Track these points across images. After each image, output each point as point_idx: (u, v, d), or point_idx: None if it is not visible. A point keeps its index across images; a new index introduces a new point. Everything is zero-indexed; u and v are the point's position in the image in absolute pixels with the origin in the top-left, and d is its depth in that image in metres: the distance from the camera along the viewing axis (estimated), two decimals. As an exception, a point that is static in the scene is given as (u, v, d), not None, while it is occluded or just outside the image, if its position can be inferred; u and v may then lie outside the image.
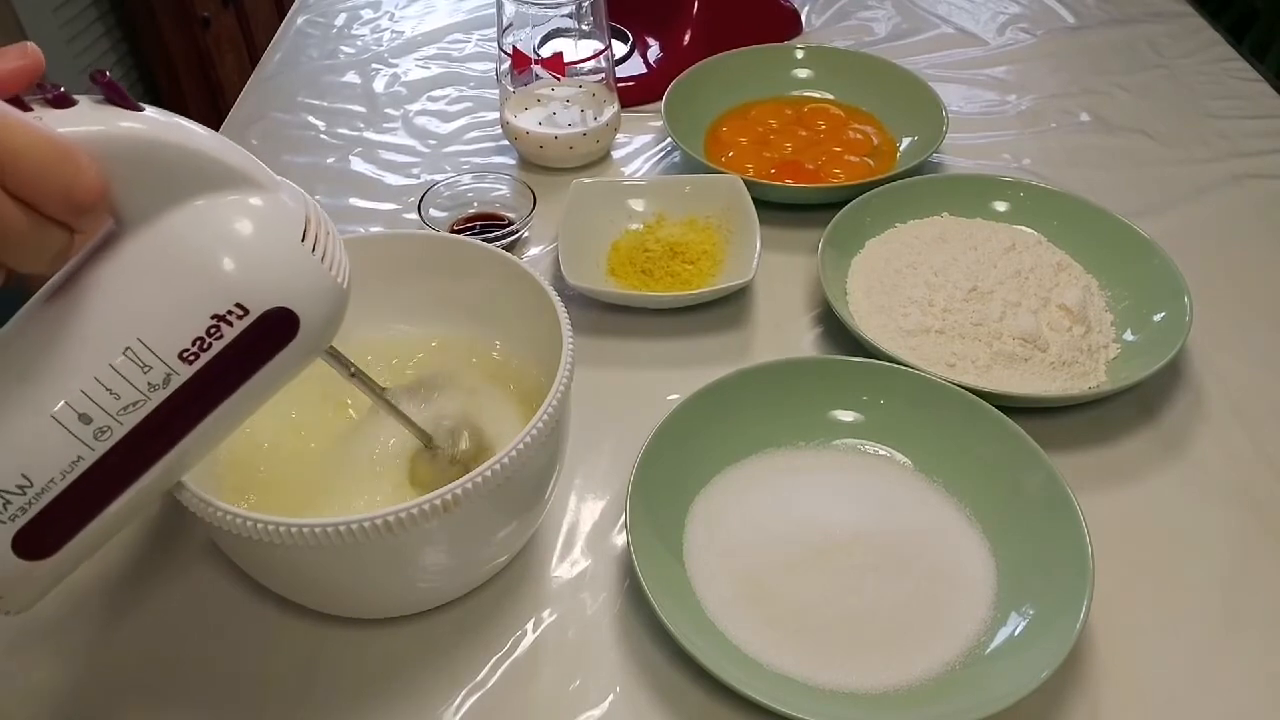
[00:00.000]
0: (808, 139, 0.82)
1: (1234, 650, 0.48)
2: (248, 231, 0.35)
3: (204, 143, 0.34)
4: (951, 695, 0.44)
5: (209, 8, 1.75)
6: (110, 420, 0.34)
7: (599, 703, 0.46)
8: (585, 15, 0.76)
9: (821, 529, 0.51)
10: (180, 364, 0.34)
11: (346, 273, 0.38)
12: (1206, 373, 0.62)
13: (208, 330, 0.34)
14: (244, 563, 0.45)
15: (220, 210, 0.34)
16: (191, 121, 0.34)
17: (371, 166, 0.83)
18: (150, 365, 0.34)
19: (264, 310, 0.35)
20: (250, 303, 0.34)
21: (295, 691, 0.47)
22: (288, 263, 0.35)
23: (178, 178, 0.34)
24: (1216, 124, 0.85)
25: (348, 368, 0.43)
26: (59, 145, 0.29)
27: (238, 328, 0.35)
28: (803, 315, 0.67)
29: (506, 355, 0.54)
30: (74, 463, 0.34)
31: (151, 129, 0.32)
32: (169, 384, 0.34)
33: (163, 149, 0.33)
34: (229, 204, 0.35)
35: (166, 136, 0.33)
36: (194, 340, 0.34)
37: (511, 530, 0.47)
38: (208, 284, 0.34)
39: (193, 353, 0.34)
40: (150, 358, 0.34)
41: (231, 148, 0.35)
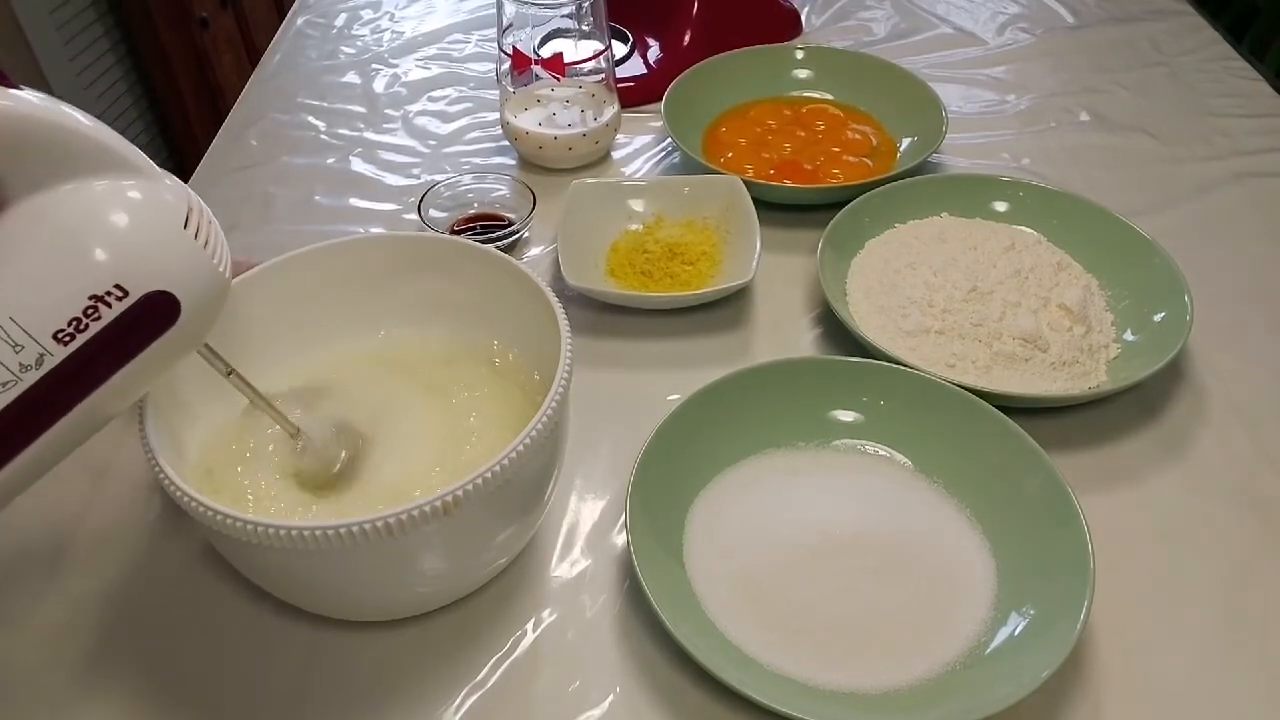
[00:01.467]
0: (807, 139, 0.82)
1: (1235, 650, 0.48)
2: (130, 213, 0.34)
3: (83, 126, 0.34)
4: (952, 696, 0.44)
5: (207, 8, 1.75)
6: None
7: (599, 703, 0.46)
8: (585, 15, 0.76)
9: (821, 529, 0.51)
10: (55, 344, 0.33)
11: (228, 263, 0.38)
12: (1207, 373, 0.62)
13: (85, 311, 0.33)
14: (241, 565, 0.45)
15: (101, 192, 0.34)
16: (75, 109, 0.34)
17: (371, 167, 0.83)
18: (22, 345, 0.33)
19: (145, 292, 0.34)
20: (130, 284, 0.34)
21: (294, 693, 0.47)
22: (170, 246, 0.35)
23: (55, 158, 0.33)
24: (1217, 122, 0.85)
25: (225, 366, 0.43)
26: None
27: (116, 310, 0.34)
28: (802, 316, 0.67)
29: (506, 356, 0.54)
30: None
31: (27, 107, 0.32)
32: (41, 365, 0.33)
33: (39, 126, 0.32)
34: (110, 187, 0.34)
35: (44, 116, 0.32)
36: (70, 321, 0.33)
37: (511, 533, 0.47)
38: (87, 263, 0.33)
39: (68, 334, 0.33)
40: (22, 336, 0.33)
41: (113, 135, 0.35)
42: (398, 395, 0.51)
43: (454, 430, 0.49)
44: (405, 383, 0.52)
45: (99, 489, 0.56)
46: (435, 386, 0.51)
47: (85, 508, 0.55)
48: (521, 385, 0.52)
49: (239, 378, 0.44)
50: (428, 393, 0.51)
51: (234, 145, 0.86)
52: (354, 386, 0.51)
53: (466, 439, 0.48)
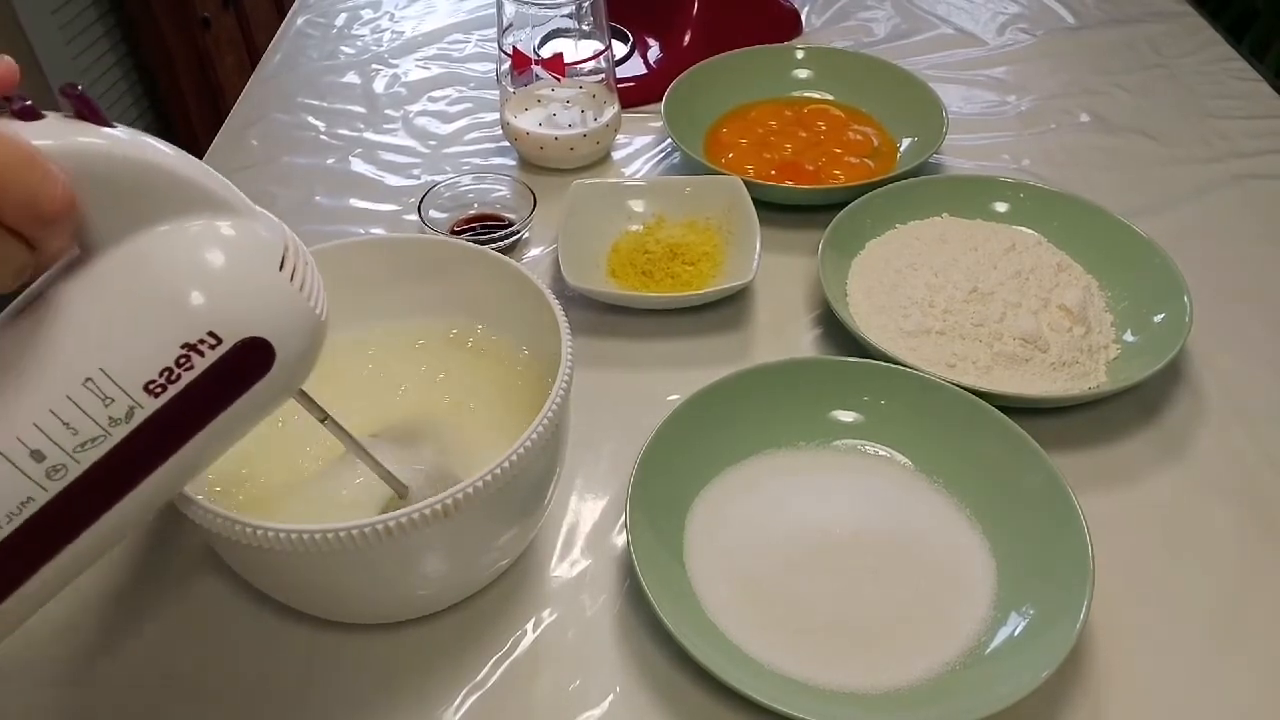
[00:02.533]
0: (808, 140, 0.82)
1: (1235, 650, 0.48)
2: (224, 257, 0.33)
3: (178, 164, 0.32)
4: (952, 695, 0.44)
5: (209, 8, 1.75)
6: (65, 458, 0.31)
7: (599, 703, 0.46)
8: (585, 15, 0.76)
9: (821, 529, 0.51)
10: (145, 397, 0.32)
11: (325, 304, 0.36)
12: (1206, 373, 0.62)
13: (177, 360, 0.32)
14: (242, 568, 0.45)
15: (194, 234, 0.32)
16: (166, 143, 0.32)
17: (371, 167, 0.83)
18: (112, 398, 0.31)
19: (238, 340, 0.32)
20: (224, 331, 0.32)
21: (294, 693, 0.47)
22: (265, 291, 0.33)
23: (150, 199, 0.32)
24: (1216, 124, 0.85)
25: (320, 413, 0.40)
26: (25, 151, 0.27)
27: (209, 358, 0.32)
28: (803, 316, 0.67)
29: (507, 356, 0.54)
30: (23, 504, 0.31)
31: (124, 147, 0.31)
32: (132, 419, 0.32)
33: (136, 167, 0.31)
34: (204, 228, 0.33)
35: (140, 155, 0.31)
36: (161, 371, 0.32)
37: (512, 534, 0.47)
38: (179, 311, 0.32)
39: (159, 384, 0.32)
40: (113, 389, 0.31)
41: (207, 172, 0.33)
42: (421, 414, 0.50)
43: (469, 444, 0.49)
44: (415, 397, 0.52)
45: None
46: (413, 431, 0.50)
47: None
48: (521, 384, 0.52)
49: (336, 424, 0.41)
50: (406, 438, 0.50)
51: (234, 145, 0.86)
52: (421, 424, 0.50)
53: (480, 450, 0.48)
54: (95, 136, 0.30)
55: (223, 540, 0.39)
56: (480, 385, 0.52)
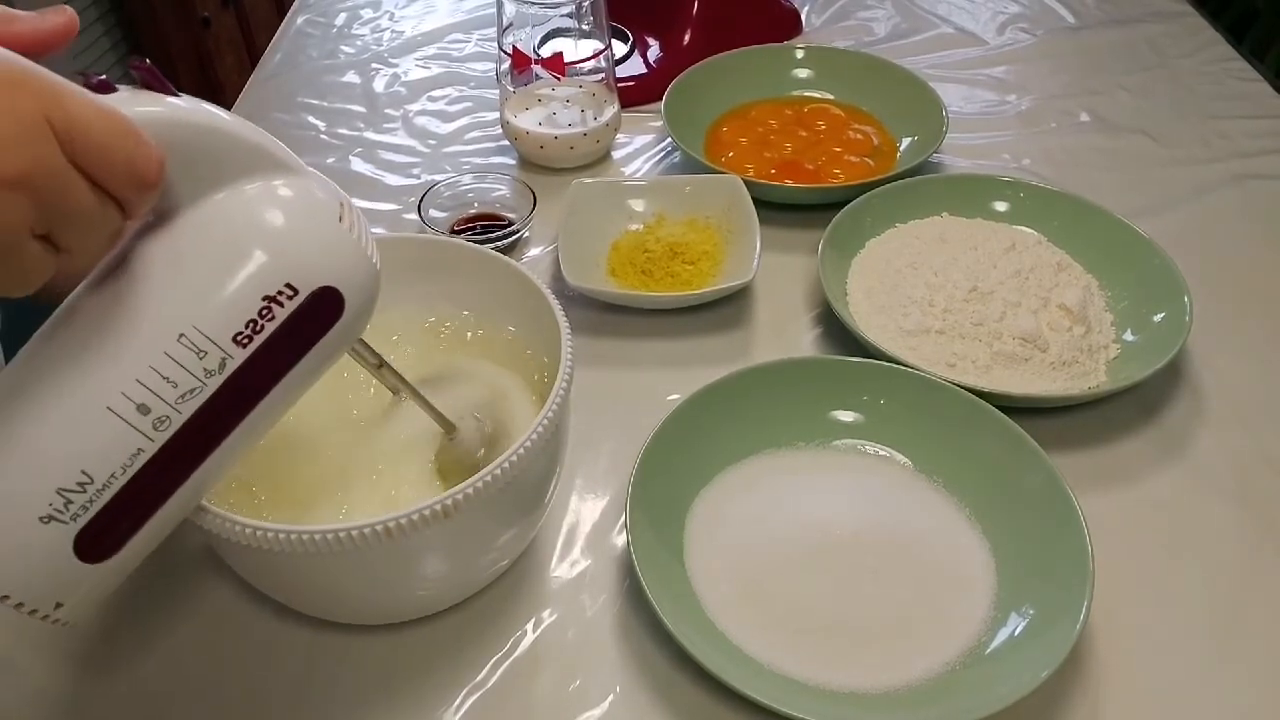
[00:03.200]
0: (808, 139, 0.82)
1: (1235, 650, 0.48)
2: (292, 213, 0.35)
3: (242, 129, 0.35)
4: (952, 695, 0.44)
5: (209, 8, 1.75)
6: (169, 409, 0.34)
7: (599, 703, 0.46)
8: (585, 15, 0.76)
9: (821, 529, 0.51)
10: (235, 347, 0.34)
11: (377, 255, 0.38)
12: (1206, 373, 0.62)
13: (260, 312, 0.34)
14: (243, 569, 0.45)
15: (263, 194, 0.35)
16: (226, 111, 0.35)
17: (371, 166, 0.83)
18: (205, 350, 0.34)
19: (312, 289, 0.35)
20: (299, 282, 0.35)
21: (294, 693, 0.47)
22: (330, 243, 0.36)
23: (220, 162, 0.34)
24: (1217, 124, 0.85)
25: (377, 358, 0.43)
26: (122, 120, 0.29)
27: (288, 308, 0.35)
28: (803, 315, 0.67)
29: (506, 356, 0.54)
30: (134, 455, 0.34)
31: (194, 115, 0.33)
32: (224, 369, 0.34)
33: (206, 133, 0.33)
34: (270, 188, 0.35)
35: (209, 121, 0.33)
36: (247, 323, 0.34)
37: (511, 535, 0.47)
38: (258, 265, 0.34)
39: (246, 335, 0.34)
40: (205, 343, 0.34)
41: (266, 135, 0.36)
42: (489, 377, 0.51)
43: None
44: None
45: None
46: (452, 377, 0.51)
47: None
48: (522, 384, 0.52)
49: (391, 371, 0.44)
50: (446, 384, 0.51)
51: (234, 145, 0.86)
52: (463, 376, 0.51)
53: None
54: (165, 106, 0.32)
55: (223, 541, 0.39)
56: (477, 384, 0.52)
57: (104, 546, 0.35)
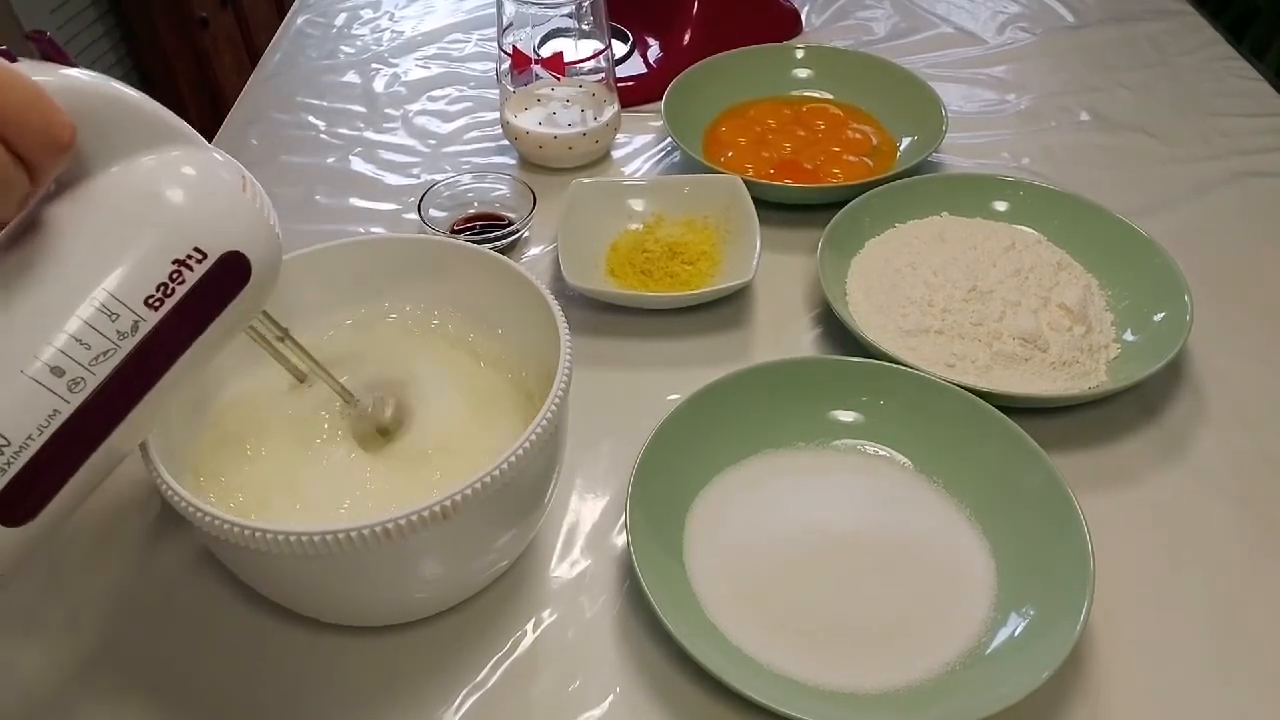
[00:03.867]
0: (807, 139, 0.82)
1: (1235, 650, 0.48)
2: (198, 181, 0.36)
3: (143, 102, 0.35)
4: (952, 696, 0.44)
5: (207, 8, 1.75)
6: (83, 371, 0.34)
7: (599, 703, 0.46)
8: (585, 15, 0.76)
9: (821, 529, 0.51)
10: (147, 310, 0.35)
11: (279, 225, 0.39)
12: (1207, 373, 0.62)
13: (170, 275, 0.35)
14: (240, 570, 0.45)
15: (170, 163, 0.36)
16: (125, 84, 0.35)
17: (371, 166, 0.83)
18: (118, 313, 0.34)
19: (221, 254, 0.36)
20: (208, 247, 0.36)
21: (293, 694, 0.47)
22: (236, 210, 0.37)
23: (127, 131, 0.35)
24: (1217, 122, 0.85)
25: (279, 328, 0.44)
26: (32, 86, 0.30)
27: (198, 272, 0.36)
28: (802, 315, 0.67)
29: (506, 355, 0.54)
30: (50, 417, 0.34)
31: (100, 84, 0.34)
32: (137, 331, 0.35)
33: (113, 102, 0.34)
34: (175, 158, 0.36)
35: (114, 91, 0.34)
36: (158, 286, 0.35)
37: (510, 536, 0.47)
38: (167, 230, 0.35)
39: (157, 298, 0.35)
40: (117, 305, 0.34)
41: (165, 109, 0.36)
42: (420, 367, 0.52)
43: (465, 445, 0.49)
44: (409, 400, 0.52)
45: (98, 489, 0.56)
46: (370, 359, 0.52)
47: (84, 509, 0.55)
48: (522, 383, 0.52)
49: (293, 342, 0.45)
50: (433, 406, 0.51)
51: (234, 145, 0.86)
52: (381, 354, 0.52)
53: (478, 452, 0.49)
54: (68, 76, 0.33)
55: (220, 542, 0.39)
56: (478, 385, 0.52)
57: (24, 509, 0.35)
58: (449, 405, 0.50)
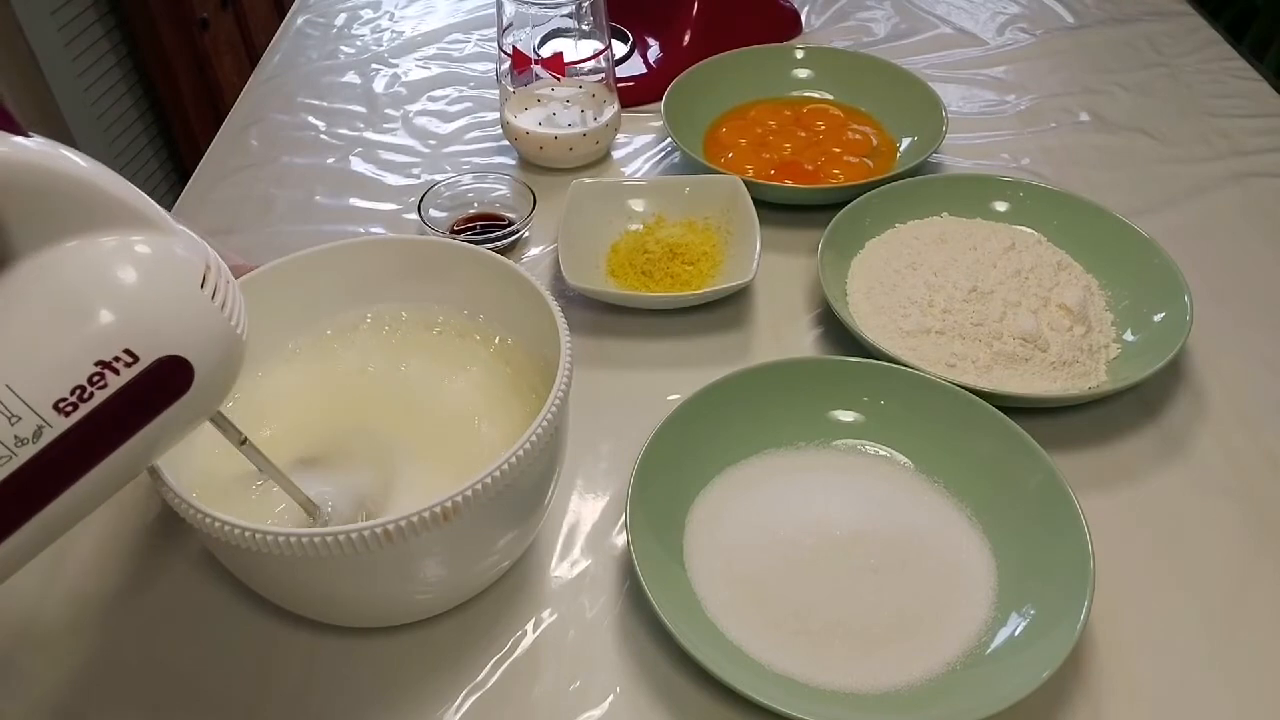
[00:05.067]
0: (807, 139, 0.82)
1: (1236, 650, 0.48)
2: (141, 272, 0.32)
3: (95, 176, 0.31)
4: (952, 696, 0.44)
5: (207, 9, 1.75)
6: None
7: (599, 703, 0.46)
8: (585, 15, 0.76)
9: (821, 529, 0.51)
10: (55, 415, 0.31)
11: (245, 324, 0.35)
12: (1207, 373, 0.62)
13: (90, 379, 0.31)
14: (240, 572, 0.45)
15: (111, 249, 0.32)
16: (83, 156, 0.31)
17: (371, 166, 0.83)
18: (19, 415, 0.30)
19: (156, 358, 0.32)
20: (140, 349, 0.31)
21: (294, 695, 0.47)
22: (184, 309, 0.33)
23: (65, 210, 0.31)
24: (1217, 123, 0.85)
25: (237, 436, 0.40)
26: None
27: (125, 376, 0.31)
28: (803, 316, 0.67)
29: (506, 355, 0.54)
30: None
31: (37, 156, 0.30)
32: (40, 438, 0.31)
33: (49, 177, 0.30)
34: (121, 243, 0.32)
35: (54, 165, 0.30)
36: (73, 389, 0.31)
37: (511, 538, 0.47)
38: (93, 326, 0.31)
39: (71, 403, 0.31)
40: (20, 407, 0.30)
41: (127, 186, 0.32)
42: (404, 424, 0.50)
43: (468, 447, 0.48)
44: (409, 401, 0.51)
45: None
46: (437, 395, 0.51)
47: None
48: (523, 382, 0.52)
49: (253, 448, 0.41)
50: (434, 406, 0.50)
51: (234, 145, 0.86)
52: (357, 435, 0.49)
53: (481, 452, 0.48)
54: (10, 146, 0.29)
55: (220, 544, 0.39)
56: (477, 385, 0.52)
57: None
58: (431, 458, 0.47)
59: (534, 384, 0.51)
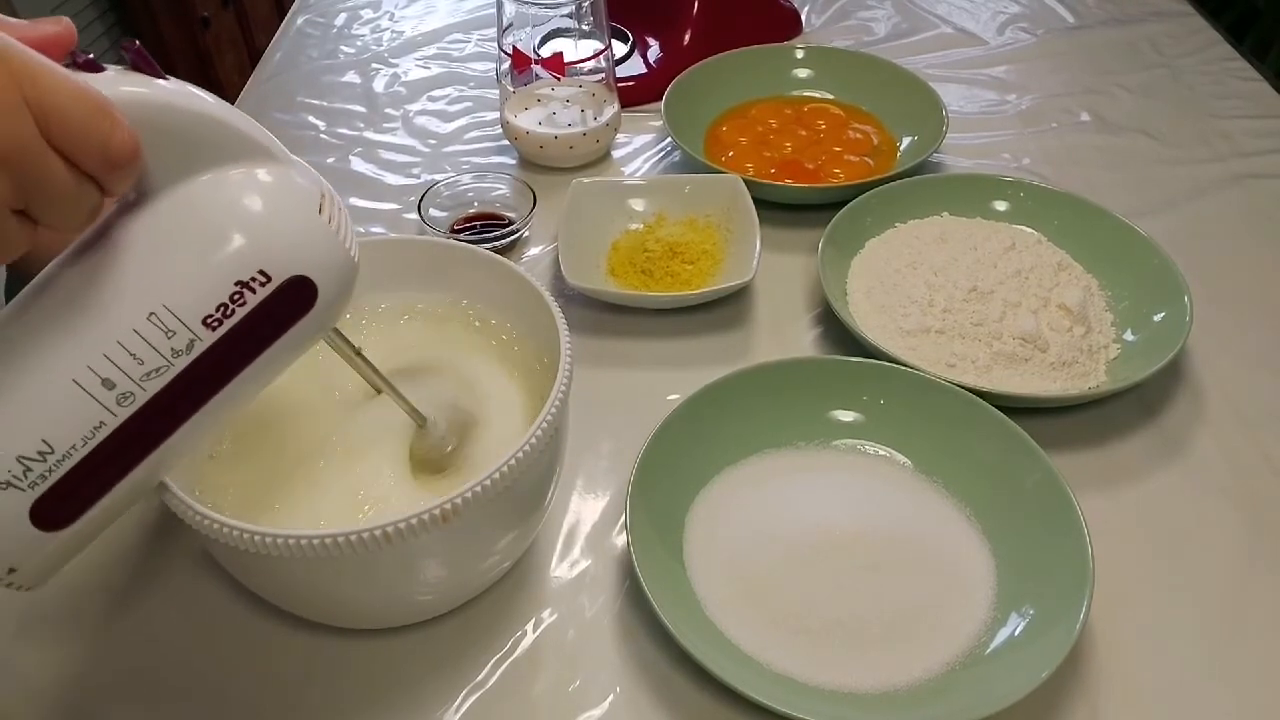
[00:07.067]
0: (807, 139, 0.82)
1: (1234, 650, 0.48)
2: (270, 201, 0.35)
3: (226, 114, 0.35)
4: (952, 695, 0.44)
5: (208, 8, 1.75)
6: (134, 385, 0.34)
7: (599, 703, 0.46)
8: (585, 15, 0.76)
9: (821, 529, 0.51)
10: (204, 330, 0.34)
11: (357, 247, 0.38)
12: (1206, 373, 0.62)
13: (231, 296, 0.34)
14: (239, 573, 0.45)
15: (243, 180, 0.35)
16: (213, 96, 0.35)
17: (371, 166, 0.83)
18: (174, 330, 0.34)
19: (286, 278, 0.35)
20: (273, 270, 0.35)
21: (293, 695, 0.47)
22: (307, 233, 0.36)
23: (203, 146, 0.34)
24: (1217, 124, 0.85)
25: (352, 348, 0.43)
26: (98, 100, 0.30)
27: (260, 295, 0.35)
28: (803, 315, 0.67)
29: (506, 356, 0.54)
30: (96, 429, 0.34)
31: (178, 97, 0.33)
32: (192, 350, 0.35)
33: (191, 117, 0.33)
34: (251, 175, 0.35)
35: (192, 105, 0.33)
36: (218, 306, 0.34)
37: (511, 538, 0.47)
38: (232, 250, 0.34)
39: (216, 319, 0.35)
40: (175, 323, 0.34)
41: (251, 123, 0.36)
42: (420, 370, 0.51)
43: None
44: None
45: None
46: (429, 370, 0.51)
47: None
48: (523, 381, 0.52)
49: (365, 361, 0.44)
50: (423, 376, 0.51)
51: (234, 145, 0.86)
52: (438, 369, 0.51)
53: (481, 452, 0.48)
54: (151, 87, 0.32)
55: (219, 545, 0.39)
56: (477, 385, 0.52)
57: (61, 516, 0.35)
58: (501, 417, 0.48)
59: (534, 384, 0.51)
